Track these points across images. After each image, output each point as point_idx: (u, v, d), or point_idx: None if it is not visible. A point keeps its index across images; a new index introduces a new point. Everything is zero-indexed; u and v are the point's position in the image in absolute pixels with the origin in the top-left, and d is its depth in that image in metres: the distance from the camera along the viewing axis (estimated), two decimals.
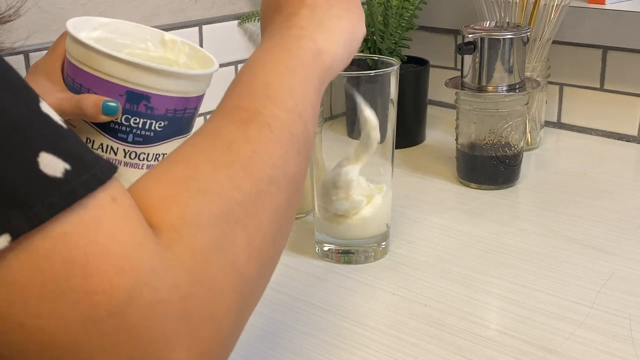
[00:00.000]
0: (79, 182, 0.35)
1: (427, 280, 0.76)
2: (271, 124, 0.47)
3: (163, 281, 0.36)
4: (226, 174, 0.44)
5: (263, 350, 0.65)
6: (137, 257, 0.36)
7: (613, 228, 0.87)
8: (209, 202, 0.41)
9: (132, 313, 0.35)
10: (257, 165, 0.45)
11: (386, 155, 0.80)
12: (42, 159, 0.34)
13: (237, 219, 0.42)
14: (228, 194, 0.43)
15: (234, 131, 0.46)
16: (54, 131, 0.36)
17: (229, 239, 0.41)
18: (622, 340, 0.66)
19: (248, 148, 0.45)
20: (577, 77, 1.19)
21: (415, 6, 1.14)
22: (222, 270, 0.40)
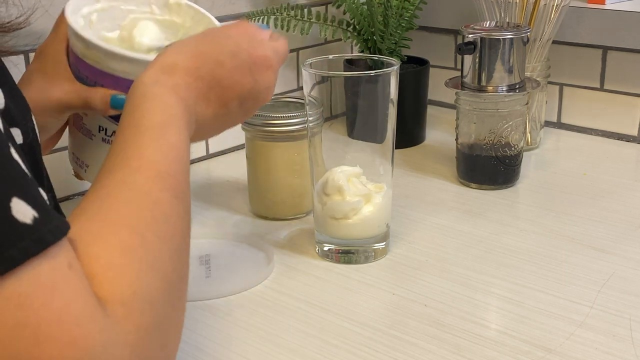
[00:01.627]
0: (47, 230, 0.35)
1: (427, 280, 0.76)
2: (185, 199, 0.49)
3: (110, 357, 0.36)
4: (168, 251, 0.45)
5: (263, 350, 0.65)
6: (89, 330, 0.35)
7: (613, 228, 0.87)
8: (157, 278, 0.42)
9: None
10: (185, 247, 0.47)
11: (386, 155, 0.80)
12: (14, 204, 0.35)
13: (173, 300, 0.44)
14: (170, 273, 0.44)
15: (168, 203, 0.47)
16: (23, 178, 0.37)
17: (167, 319, 0.43)
18: (622, 340, 0.66)
19: (181, 227, 0.47)
20: (577, 77, 1.19)
21: (415, 6, 1.14)
22: (159, 349, 0.41)
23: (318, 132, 0.82)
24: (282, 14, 1.13)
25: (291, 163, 0.88)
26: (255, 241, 0.84)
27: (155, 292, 0.42)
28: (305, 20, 1.14)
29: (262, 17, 1.12)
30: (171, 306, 0.44)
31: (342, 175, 0.78)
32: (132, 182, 0.46)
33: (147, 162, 0.47)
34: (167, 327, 0.43)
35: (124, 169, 0.47)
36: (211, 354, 0.65)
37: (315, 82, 0.79)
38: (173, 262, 0.45)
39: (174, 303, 0.44)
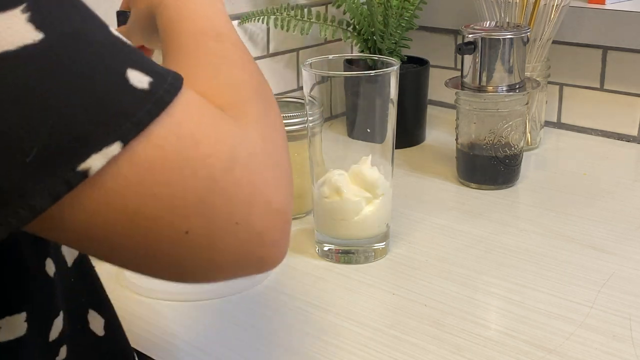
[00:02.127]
0: (163, 90, 0.40)
1: (427, 280, 0.76)
2: (231, 38, 0.59)
3: (248, 139, 0.44)
4: (236, 69, 0.54)
5: (263, 350, 0.65)
6: (225, 126, 0.43)
7: (613, 228, 0.87)
8: (242, 85, 0.51)
9: (238, 166, 0.42)
10: (247, 64, 0.56)
11: (386, 155, 0.80)
12: (130, 74, 0.39)
13: (262, 96, 0.52)
14: (248, 80, 0.53)
15: (218, 46, 0.57)
16: (129, 50, 0.41)
17: (265, 108, 0.51)
18: (622, 340, 0.66)
19: (235, 56, 0.56)
20: (577, 77, 1.19)
21: (415, 6, 1.14)
22: (273, 129, 0.49)
23: (318, 132, 0.82)
24: (282, 14, 1.13)
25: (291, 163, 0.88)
26: None
27: (246, 93, 0.51)
28: (305, 20, 1.14)
29: (262, 17, 1.12)
30: (265, 100, 0.52)
31: (341, 177, 0.78)
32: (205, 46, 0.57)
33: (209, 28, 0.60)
34: (269, 113, 0.51)
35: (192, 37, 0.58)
36: (211, 354, 0.65)
37: (315, 82, 0.79)
38: (245, 72, 0.54)
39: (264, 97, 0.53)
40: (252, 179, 0.43)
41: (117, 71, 0.39)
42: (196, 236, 0.40)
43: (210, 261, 0.42)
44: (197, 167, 0.40)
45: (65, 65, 0.37)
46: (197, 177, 0.40)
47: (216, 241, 0.41)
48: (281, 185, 0.45)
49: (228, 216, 0.41)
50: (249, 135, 0.45)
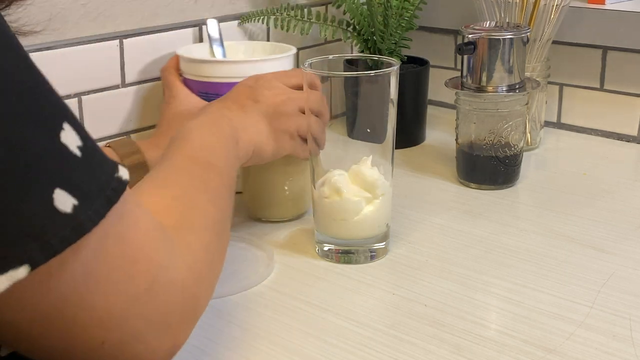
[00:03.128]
0: (85, 217, 0.39)
1: (427, 280, 0.76)
2: (218, 170, 0.65)
3: (173, 267, 0.47)
4: (208, 197, 0.59)
5: (263, 350, 0.65)
6: (156, 247, 0.46)
7: (613, 228, 0.87)
8: (200, 214, 0.56)
9: (156, 289, 0.45)
10: (221, 199, 0.61)
11: (386, 155, 0.80)
12: (57, 195, 0.38)
13: (216, 233, 0.57)
14: (211, 213, 0.58)
15: (202, 172, 0.63)
16: (69, 163, 0.39)
17: (211, 245, 0.55)
18: (622, 340, 0.66)
19: (214, 185, 0.62)
20: (577, 77, 1.19)
21: (415, 6, 1.14)
22: (209, 267, 0.54)
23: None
24: (282, 14, 1.13)
25: (287, 163, 0.88)
26: (255, 241, 0.84)
27: (198, 222, 0.55)
28: (305, 20, 1.14)
29: (262, 17, 1.12)
30: (216, 235, 0.57)
31: (341, 177, 0.78)
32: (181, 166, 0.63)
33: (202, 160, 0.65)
34: (215, 251, 0.56)
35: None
36: (211, 354, 0.65)
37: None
38: (210, 205, 0.59)
39: (219, 233, 0.58)
40: (165, 303, 0.47)
41: (43, 191, 0.38)
42: (110, 347, 0.44)
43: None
44: (128, 285, 0.44)
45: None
46: (127, 294, 0.43)
47: (125, 355, 0.45)
48: (187, 317, 0.50)
49: (139, 333, 0.45)
50: (175, 264, 0.48)
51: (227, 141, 0.70)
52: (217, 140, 0.69)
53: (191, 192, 0.58)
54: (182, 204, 0.55)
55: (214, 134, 0.70)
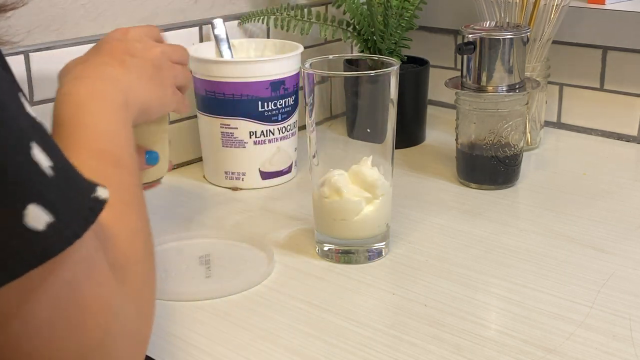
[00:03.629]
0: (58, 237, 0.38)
1: (427, 280, 0.76)
2: (128, 166, 0.58)
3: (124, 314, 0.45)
4: (135, 214, 0.54)
5: (263, 350, 0.65)
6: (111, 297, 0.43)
7: (613, 228, 0.87)
8: (139, 240, 0.52)
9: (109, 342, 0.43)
10: (141, 202, 0.56)
11: (386, 155, 0.80)
12: (29, 211, 0.36)
13: (148, 250, 0.53)
14: (143, 230, 0.53)
15: (117, 175, 0.56)
16: (43, 180, 0.38)
17: (152, 271, 0.53)
18: (622, 340, 0.66)
19: (132, 190, 0.56)
20: (577, 77, 1.19)
21: (415, 6, 1.14)
22: (150, 298, 0.51)
23: (317, 130, 0.82)
24: (282, 14, 1.13)
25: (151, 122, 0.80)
26: (255, 241, 0.84)
27: (142, 251, 0.51)
28: (305, 20, 1.14)
29: (262, 17, 1.12)
30: (151, 256, 0.53)
31: (341, 177, 0.78)
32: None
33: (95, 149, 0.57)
34: (152, 278, 0.53)
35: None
36: (211, 354, 0.65)
37: (315, 82, 0.78)
38: (142, 221, 0.54)
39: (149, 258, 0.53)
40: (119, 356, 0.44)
41: (13, 206, 0.36)
42: None
43: None
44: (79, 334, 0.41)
45: None
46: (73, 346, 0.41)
47: None
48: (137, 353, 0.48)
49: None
50: (126, 309, 0.45)
51: (123, 116, 0.63)
52: (115, 121, 0.62)
53: (123, 214, 0.52)
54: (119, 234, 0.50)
55: (110, 110, 0.62)
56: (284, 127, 1.01)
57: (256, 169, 1.01)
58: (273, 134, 1.00)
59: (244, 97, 0.97)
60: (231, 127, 0.99)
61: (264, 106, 0.98)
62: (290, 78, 1.00)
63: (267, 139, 1.00)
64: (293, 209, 0.94)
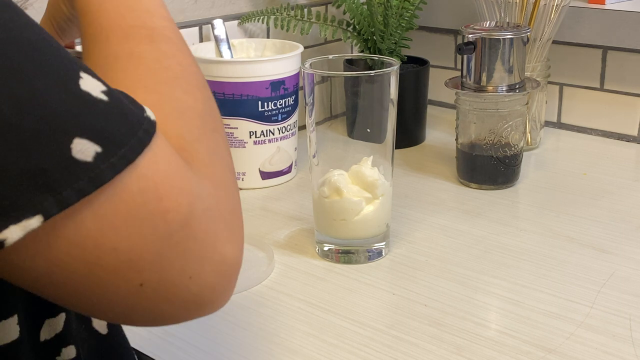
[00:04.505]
0: (107, 165, 0.38)
1: (427, 280, 0.76)
2: (168, 34, 0.52)
3: (203, 192, 0.43)
4: (180, 90, 0.50)
5: (263, 350, 0.65)
6: (188, 178, 0.42)
7: (613, 228, 0.87)
8: (189, 117, 0.48)
9: (195, 222, 0.42)
10: (189, 75, 0.51)
11: (386, 155, 0.80)
12: (76, 144, 0.37)
13: (211, 125, 0.50)
14: (194, 107, 0.49)
15: (151, 50, 0.51)
16: (92, 111, 0.39)
17: (216, 143, 0.49)
18: (622, 340, 0.66)
19: (174, 61, 0.51)
20: (577, 77, 1.19)
21: (415, 6, 1.14)
22: (224, 170, 0.48)
23: (317, 130, 0.82)
24: (282, 14, 1.13)
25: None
26: (255, 241, 0.84)
27: (196, 129, 0.48)
28: (305, 20, 1.14)
29: (262, 17, 1.12)
30: (213, 131, 0.50)
31: (341, 177, 0.78)
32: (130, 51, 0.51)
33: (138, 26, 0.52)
34: (220, 149, 0.49)
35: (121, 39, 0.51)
36: (211, 354, 0.65)
37: (315, 82, 0.79)
38: (190, 96, 0.50)
39: (212, 126, 0.50)
40: (207, 234, 0.43)
41: (60, 141, 0.37)
42: (150, 289, 0.41)
43: (162, 311, 0.43)
44: (157, 223, 0.40)
45: (6, 129, 0.36)
46: (156, 232, 0.40)
47: (169, 294, 0.42)
48: (234, 236, 0.45)
49: (182, 271, 0.42)
50: (203, 186, 0.44)
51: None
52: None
53: (166, 93, 0.49)
54: (168, 116, 0.47)
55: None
56: (284, 127, 1.01)
57: (256, 168, 1.01)
58: (273, 134, 1.00)
59: (244, 97, 0.97)
60: (231, 127, 0.99)
61: (264, 106, 0.98)
62: (290, 78, 1.00)
63: (267, 139, 1.00)
64: (293, 209, 0.95)
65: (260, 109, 0.98)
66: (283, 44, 1.07)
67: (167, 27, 0.53)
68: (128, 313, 0.43)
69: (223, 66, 0.98)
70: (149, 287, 0.41)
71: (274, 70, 0.98)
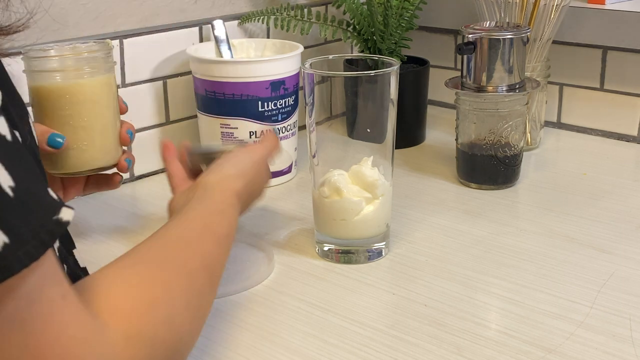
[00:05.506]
0: (15, 257, 0.38)
1: (427, 280, 0.76)
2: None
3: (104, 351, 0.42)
4: (195, 306, 0.55)
5: (263, 350, 0.65)
6: (82, 352, 0.41)
7: (613, 228, 0.87)
8: (167, 331, 0.50)
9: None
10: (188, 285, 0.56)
11: (386, 155, 0.80)
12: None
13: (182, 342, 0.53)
14: (186, 325, 0.53)
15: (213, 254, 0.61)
16: (1, 201, 0.38)
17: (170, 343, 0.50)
18: (622, 340, 0.66)
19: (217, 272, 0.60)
20: (577, 77, 1.19)
21: (415, 6, 1.14)
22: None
23: (317, 130, 0.82)
24: (282, 14, 1.13)
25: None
26: (255, 241, 0.84)
27: (161, 343, 0.49)
28: (305, 20, 1.14)
29: (262, 17, 1.12)
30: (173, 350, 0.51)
31: (341, 177, 0.78)
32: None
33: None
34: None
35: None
36: (211, 354, 0.65)
37: (315, 82, 0.78)
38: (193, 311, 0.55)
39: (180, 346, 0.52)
40: None
41: None
42: None
43: None
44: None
45: None
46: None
47: None
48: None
49: None
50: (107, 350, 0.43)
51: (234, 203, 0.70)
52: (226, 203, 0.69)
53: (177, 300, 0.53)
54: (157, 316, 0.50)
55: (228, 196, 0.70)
56: (284, 127, 1.01)
57: None
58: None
59: (244, 97, 0.97)
60: (231, 127, 0.99)
61: (264, 106, 0.98)
62: (290, 78, 1.00)
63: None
64: (293, 209, 0.95)
65: (260, 109, 0.98)
66: (283, 44, 1.07)
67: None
68: None
69: (223, 66, 0.98)
70: None
71: (274, 70, 0.98)
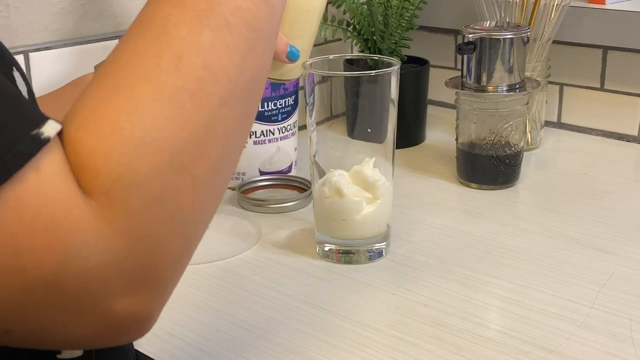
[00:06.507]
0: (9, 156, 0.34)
1: (427, 280, 0.76)
2: (230, 21, 0.41)
3: (94, 250, 0.37)
4: (172, 108, 0.38)
5: (263, 350, 0.65)
6: (64, 232, 0.36)
7: (613, 228, 0.87)
8: (148, 154, 0.38)
9: (65, 282, 0.36)
10: (208, 89, 0.40)
11: (386, 155, 0.80)
12: None
13: (182, 164, 0.39)
14: (172, 137, 0.38)
15: (186, 36, 0.40)
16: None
17: (171, 189, 0.38)
18: (622, 340, 0.66)
19: (199, 63, 0.39)
20: (577, 77, 1.19)
21: (415, 6, 1.14)
22: (161, 222, 0.39)
23: (317, 130, 0.82)
24: None
25: None
26: (241, 213, 0.86)
27: (147, 169, 0.38)
28: None
29: None
30: (180, 171, 0.39)
31: (342, 177, 0.78)
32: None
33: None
34: (174, 197, 0.39)
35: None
36: (211, 354, 0.65)
37: (316, 82, 0.79)
38: (177, 120, 0.39)
39: (185, 165, 0.39)
40: (85, 290, 0.37)
41: None
42: (17, 335, 0.38)
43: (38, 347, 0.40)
44: (13, 280, 0.36)
45: None
46: (13, 287, 0.36)
47: (40, 339, 0.39)
48: (139, 292, 0.39)
49: (53, 320, 0.38)
50: (102, 242, 0.37)
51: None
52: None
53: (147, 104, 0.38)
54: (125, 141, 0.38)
55: None
56: (284, 127, 1.01)
57: (256, 168, 1.01)
58: (273, 134, 1.00)
59: None
60: None
61: (264, 106, 0.98)
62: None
63: (267, 139, 1.00)
64: (293, 209, 0.94)
65: (260, 109, 0.98)
66: None
67: (238, 10, 0.42)
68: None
69: None
70: (16, 334, 0.38)
71: None
